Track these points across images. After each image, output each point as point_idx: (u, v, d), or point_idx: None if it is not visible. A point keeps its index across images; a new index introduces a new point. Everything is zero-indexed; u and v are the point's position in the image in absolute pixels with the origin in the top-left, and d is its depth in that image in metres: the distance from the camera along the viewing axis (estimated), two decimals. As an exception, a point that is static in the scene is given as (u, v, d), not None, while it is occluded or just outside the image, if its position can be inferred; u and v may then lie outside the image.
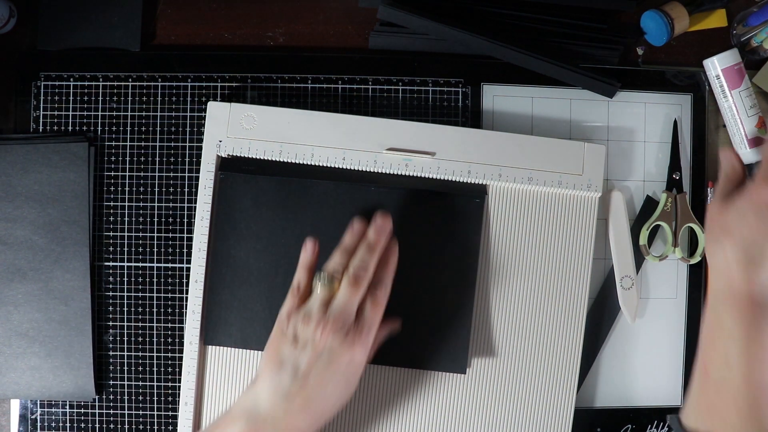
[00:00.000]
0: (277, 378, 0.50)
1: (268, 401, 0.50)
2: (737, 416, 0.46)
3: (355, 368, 0.52)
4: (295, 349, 0.51)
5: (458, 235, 0.60)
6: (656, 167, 0.64)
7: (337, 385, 0.51)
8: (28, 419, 0.61)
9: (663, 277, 0.64)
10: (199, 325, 0.59)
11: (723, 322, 0.48)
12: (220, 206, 0.59)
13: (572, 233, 0.60)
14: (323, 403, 0.51)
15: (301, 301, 0.53)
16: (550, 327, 0.60)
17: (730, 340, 0.47)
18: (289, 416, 0.49)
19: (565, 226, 0.61)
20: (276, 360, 0.51)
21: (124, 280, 0.62)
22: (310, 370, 0.50)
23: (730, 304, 0.48)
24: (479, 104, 0.63)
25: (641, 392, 0.63)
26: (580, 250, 0.60)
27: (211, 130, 0.59)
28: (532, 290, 0.60)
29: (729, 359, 0.47)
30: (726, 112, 0.62)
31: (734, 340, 0.47)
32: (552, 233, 0.60)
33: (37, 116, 0.62)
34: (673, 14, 0.63)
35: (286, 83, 0.63)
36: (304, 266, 0.55)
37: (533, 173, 0.60)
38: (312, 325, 0.51)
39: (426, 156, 0.59)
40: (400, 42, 0.63)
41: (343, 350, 0.50)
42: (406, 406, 0.60)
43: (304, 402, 0.50)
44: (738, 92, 0.61)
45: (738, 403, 0.46)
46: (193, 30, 0.64)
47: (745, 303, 0.48)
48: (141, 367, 0.61)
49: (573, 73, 0.61)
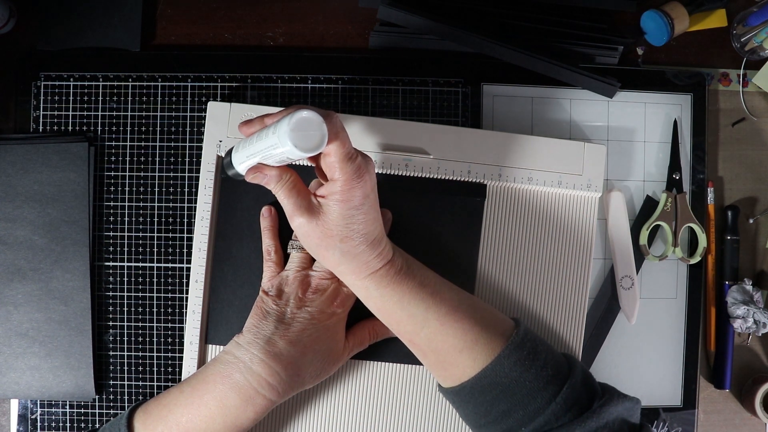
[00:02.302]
0: (260, 324, 0.52)
1: (248, 344, 0.51)
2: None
3: (336, 323, 0.54)
4: (279, 305, 0.53)
5: (458, 235, 0.60)
6: (656, 167, 0.64)
7: (318, 338, 0.52)
8: (28, 419, 0.61)
9: (663, 277, 0.64)
10: (200, 325, 0.59)
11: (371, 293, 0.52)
12: (222, 206, 0.59)
13: (572, 233, 0.60)
14: (302, 358, 0.52)
15: (277, 265, 0.56)
16: (550, 326, 0.60)
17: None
18: (265, 363, 0.50)
19: (565, 226, 0.61)
20: (261, 314, 0.53)
21: (124, 280, 0.62)
22: (294, 318, 0.52)
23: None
24: (479, 104, 0.63)
25: (641, 392, 0.63)
26: (580, 250, 0.60)
27: (211, 130, 0.59)
28: (532, 290, 0.60)
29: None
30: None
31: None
32: (552, 233, 0.60)
33: (37, 116, 0.62)
34: (673, 14, 0.63)
35: (286, 83, 0.63)
36: (267, 231, 0.58)
37: (533, 173, 0.60)
38: (295, 284, 0.54)
39: (426, 156, 0.59)
40: (400, 42, 0.63)
41: (325, 306, 0.53)
42: (406, 403, 0.60)
43: (283, 350, 0.51)
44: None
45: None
46: (193, 30, 0.64)
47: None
48: (141, 367, 0.61)
49: (573, 73, 0.61)
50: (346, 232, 0.48)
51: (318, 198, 0.49)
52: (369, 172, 0.48)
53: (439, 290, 0.52)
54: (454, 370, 0.51)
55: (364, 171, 0.47)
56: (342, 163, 0.46)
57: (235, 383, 0.50)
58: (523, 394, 0.49)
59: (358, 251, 0.49)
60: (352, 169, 0.47)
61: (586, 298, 0.60)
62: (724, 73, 0.66)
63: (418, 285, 0.51)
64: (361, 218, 0.48)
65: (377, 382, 0.60)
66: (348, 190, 0.47)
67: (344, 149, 0.46)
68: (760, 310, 0.63)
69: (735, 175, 0.66)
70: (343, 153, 0.46)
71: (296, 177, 0.49)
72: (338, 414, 0.59)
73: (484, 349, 0.50)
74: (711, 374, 0.65)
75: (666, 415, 0.63)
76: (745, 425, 0.65)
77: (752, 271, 0.66)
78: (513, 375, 0.49)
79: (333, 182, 0.47)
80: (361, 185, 0.47)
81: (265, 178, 0.49)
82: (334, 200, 0.47)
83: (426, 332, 0.51)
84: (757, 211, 0.66)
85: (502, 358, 0.49)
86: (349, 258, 0.49)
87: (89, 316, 0.60)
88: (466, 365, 0.50)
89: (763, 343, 0.66)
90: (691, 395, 0.63)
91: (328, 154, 0.47)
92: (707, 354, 0.65)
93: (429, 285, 0.52)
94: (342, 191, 0.47)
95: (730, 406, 0.65)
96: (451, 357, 0.51)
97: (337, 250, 0.49)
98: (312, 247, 0.50)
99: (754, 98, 0.66)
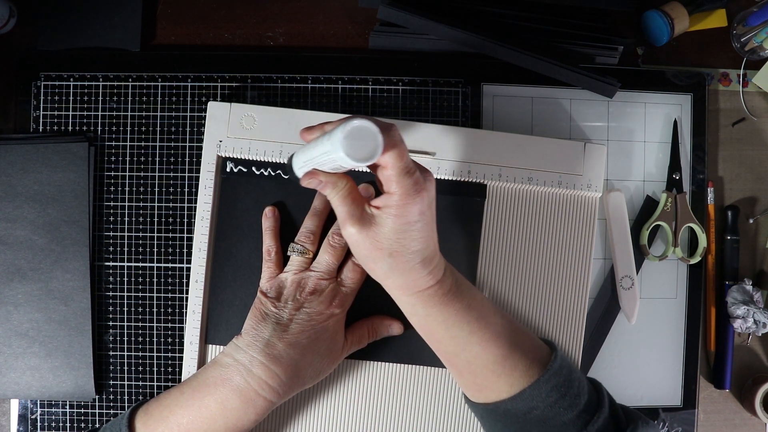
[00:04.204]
0: (259, 326, 0.52)
1: (247, 346, 0.51)
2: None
3: (335, 323, 0.54)
4: (277, 307, 0.53)
5: (458, 235, 0.60)
6: (656, 167, 0.64)
7: (317, 339, 0.52)
8: (28, 419, 0.61)
9: (663, 277, 0.64)
10: (200, 325, 0.59)
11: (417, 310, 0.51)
12: (222, 206, 0.59)
13: (572, 233, 0.60)
14: (302, 359, 0.52)
15: (276, 266, 0.56)
16: (550, 326, 0.60)
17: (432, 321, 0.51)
18: (264, 366, 0.50)
19: (565, 226, 0.61)
20: (259, 316, 0.53)
21: (124, 280, 0.62)
22: (291, 320, 0.52)
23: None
24: (479, 104, 0.63)
25: (641, 392, 0.63)
26: (580, 250, 0.60)
27: (211, 130, 0.59)
28: (532, 290, 0.60)
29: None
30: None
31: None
32: (552, 233, 0.60)
33: (37, 116, 0.62)
34: (673, 14, 0.63)
35: (286, 83, 0.63)
36: (269, 231, 0.58)
37: (533, 173, 0.60)
38: (293, 286, 0.54)
39: (426, 156, 0.59)
40: (400, 42, 0.63)
41: (323, 307, 0.53)
42: (406, 403, 0.60)
43: (282, 352, 0.51)
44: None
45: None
46: (193, 30, 0.64)
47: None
48: (141, 367, 0.61)
49: (573, 73, 0.61)
50: (397, 247, 0.46)
51: (372, 208, 0.47)
52: (427, 188, 0.46)
53: (484, 314, 0.51)
54: (488, 391, 0.51)
55: (421, 187, 0.46)
56: (399, 177, 0.45)
57: (235, 386, 0.50)
58: (556, 421, 0.49)
59: (408, 267, 0.47)
60: (409, 184, 0.45)
61: (586, 298, 0.60)
62: (724, 73, 0.66)
63: (465, 307, 0.50)
64: (414, 235, 0.46)
65: (377, 382, 0.60)
66: (404, 205, 0.45)
67: (402, 162, 0.44)
68: (760, 310, 0.63)
69: (735, 175, 0.66)
70: (401, 167, 0.44)
71: (352, 185, 0.48)
72: (338, 414, 0.59)
73: (522, 375, 0.50)
74: (711, 374, 0.65)
75: (666, 415, 0.63)
76: (745, 425, 0.65)
77: (752, 271, 0.66)
78: (549, 401, 0.49)
79: (389, 195, 0.46)
80: (418, 201, 0.46)
81: (320, 183, 0.48)
82: (389, 214, 0.46)
83: (466, 355, 0.50)
84: (757, 211, 0.66)
85: (540, 383, 0.49)
86: (397, 273, 0.48)
87: (89, 316, 0.60)
88: (502, 389, 0.50)
89: (763, 343, 0.66)
90: (691, 395, 0.63)
91: (385, 166, 0.45)
92: (707, 354, 0.65)
93: (475, 308, 0.50)
94: (398, 206, 0.45)
95: (730, 406, 0.65)
96: (489, 380, 0.50)
97: (385, 263, 0.47)
98: (360, 257, 0.49)
99: (754, 98, 0.66)
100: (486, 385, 0.51)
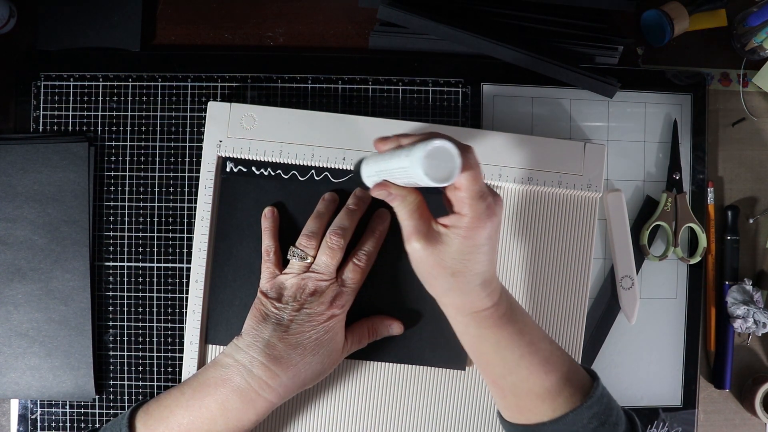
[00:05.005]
0: (259, 327, 0.53)
1: (248, 347, 0.52)
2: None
3: (335, 324, 0.54)
4: (278, 308, 0.53)
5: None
6: (656, 167, 0.64)
7: (318, 340, 0.52)
8: (28, 419, 0.61)
9: (663, 277, 0.64)
10: (200, 325, 0.59)
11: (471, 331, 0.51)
12: (222, 206, 0.59)
13: (572, 233, 0.60)
14: (302, 360, 0.52)
15: (275, 266, 0.56)
16: (550, 326, 0.60)
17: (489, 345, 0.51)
18: (265, 366, 0.50)
19: (565, 226, 0.61)
20: (259, 316, 0.53)
21: (124, 280, 0.62)
22: (292, 321, 0.52)
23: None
24: (479, 104, 0.63)
25: (641, 392, 0.63)
26: (580, 250, 0.60)
27: (211, 130, 0.59)
28: (531, 289, 0.60)
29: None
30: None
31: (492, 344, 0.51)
32: (552, 233, 0.60)
33: (37, 116, 0.62)
34: (673, 14, 0.63)
35: (286, 83, 0.63)
36: (268, 231, 0.58)
37: (533, 173, 0.60)
38: (294, 288, 0.54)
39: (426, 156, 0.59)
40: (400, 42, 0.63)
41: (323, 307, 0.53)
42: (407, 403, 0.60)
43: (282, 352, 0.51)
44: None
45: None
46: (193, 30, 0.64)
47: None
48: (141, 367, 0.61)
49: (573, 73, 0.61)
50: (460, 267, 0.46)
51: (440, 226, 0.47)
52: (497, 213, 0.46)
53: (535, 340, 0.51)
54: (530, 414, 0.51)
55: (492, 212, 0.46)
56: (472, 201, 0.45)
57: (236, 386, 0.50)
58: None
59: (468, 288, 0.48)
60: (481, 208, 0.45)
61: (586, 298, 0.60)
62: (724, 73, 0.66)
63: (517, 332, 0.50)
64: (479, 258, 0.46)
65: (377, 382, 0.60)
66: (473, 227, 0.45)
67: (477, 186, 0.44)
68: (760, 310, 0.63)
69: (735, 175, 0.66)
70: (476, 190, 0.45)
71: (421, 200, 0.48)
72: (338, 414, 0.59)
73: (566, 401, 0.50)
74: (711, 374, 0.65)
75: (666, 415, 0.63)
76: (745, 425, 0.65)
77: (752, 271, 0.66)
78: (590, 427, 0.49)
79: (460, 217, 0.46)
80: (488, 226, 0.46)
81: (390, 196, 0.48)
82: (457, 234, 0.46)
83: (513, 378, 0.50)
84: (757, 211, 0.66)
85: (583, 409, 0.49)
86: (456, 293, 0.48)
87: (89, 316, 0.60)
88: (545, 413, 0.50)
89: (763, 343, 0.66)
90: (691, 395, 0.63)
91: (459, 188, 0.45)
92: (707, 354, 0.65)
93: (527, 333, 0.51)
94: (467, 228, 0.45)
95: (730, 406, 0.65)
96: (533, 404, 0.50)
97: (446, 282, 0.47)
98: (421, 272, 0.49)
99: (754, 98, 0.66)
100: (529, 408, 0.51)
